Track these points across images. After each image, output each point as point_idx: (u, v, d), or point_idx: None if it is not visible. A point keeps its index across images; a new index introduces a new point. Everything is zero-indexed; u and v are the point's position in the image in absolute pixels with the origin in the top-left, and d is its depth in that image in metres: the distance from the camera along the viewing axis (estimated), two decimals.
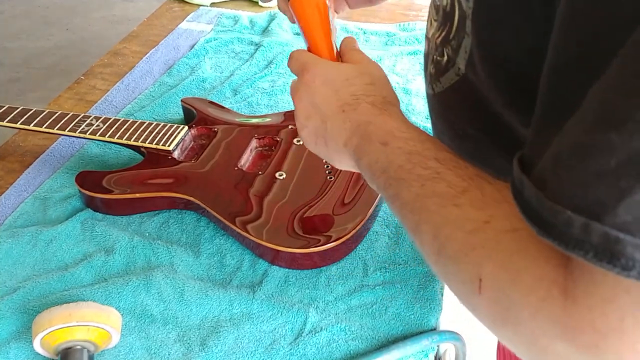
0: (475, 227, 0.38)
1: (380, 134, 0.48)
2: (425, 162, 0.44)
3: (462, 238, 0.39)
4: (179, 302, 0.71)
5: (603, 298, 0.31)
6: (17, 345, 0.65)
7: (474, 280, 0.37)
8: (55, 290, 0.71)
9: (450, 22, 0.49)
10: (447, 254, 0.40)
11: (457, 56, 0.48)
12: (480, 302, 0.37)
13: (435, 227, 0.41)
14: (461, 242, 0.39)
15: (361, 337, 0.67)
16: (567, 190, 0.30)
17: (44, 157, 0.92)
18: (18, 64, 2.89)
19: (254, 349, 0.66)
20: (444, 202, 0.41)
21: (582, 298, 0.32)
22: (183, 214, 0.82)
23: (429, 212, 0.41)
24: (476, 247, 0.38)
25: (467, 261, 0.38)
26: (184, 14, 1.33)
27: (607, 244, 0.28)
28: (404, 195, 0.44)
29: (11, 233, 0.79)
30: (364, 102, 0.52)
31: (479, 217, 0.38)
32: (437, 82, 0.53)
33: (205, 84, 1.08)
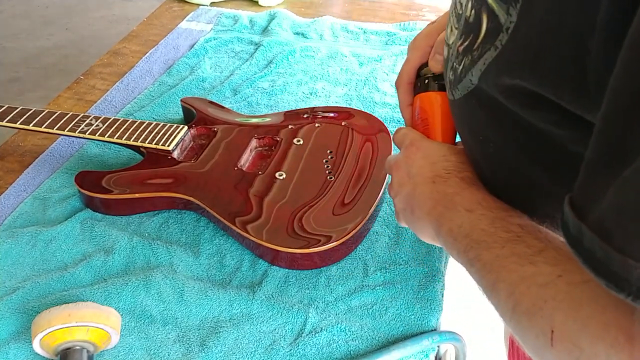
0: (548, 281, 0.40)
1: (466, 202, 0.51)
2: (507, 226, 0.46)
3: (535, 292, 0.40)
4: (178, 302, 0.70)
5: None
6: (17, 346, 0.65)
7: (547, 332, 0.38)
8: (55, 291, 0.71)
9: (475, 33, 0.49)
10: (521, 310, 0.41)
11: (474, 67, 0.48)
12: (553, 354, 0.38)
13: (511, 284, 0.43)
14: (534, 296, 0.40)
15: (361, 338, 0.67)
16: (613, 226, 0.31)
17: (43, 157, 0.92)
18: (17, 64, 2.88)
19: (254, 349, 0.66)
20: (522, 260, 0.42)
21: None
22: (183, 214, 0.82)
23: (506, 271, 0.43)
24: (548, 299, 0.39)
25: (541, 314, 0.39)
26: (184, 13, 1.33)
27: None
28: (484, 256, 0.46)
29: (10, 233, 0.78)
30: (455, 176, 0.55)
31: (552, 272, 0.40)
32: (456, 88, 0.54)
33: (205, 83, 1.08)
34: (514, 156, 0.52)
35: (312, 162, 0.83)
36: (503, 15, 0.44)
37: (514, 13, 0.43)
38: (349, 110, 0.95)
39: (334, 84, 1.08)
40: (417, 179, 0.58)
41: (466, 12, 0.52)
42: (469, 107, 0.53)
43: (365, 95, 1.05)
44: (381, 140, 0.88)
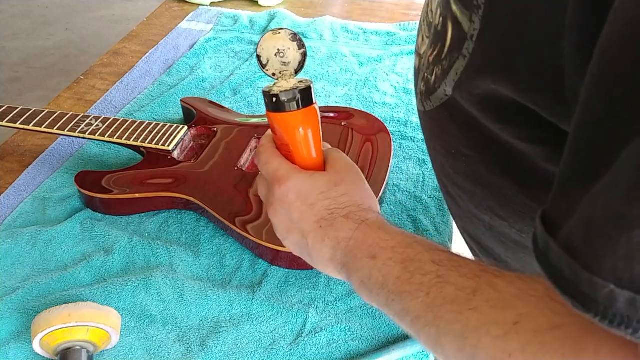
0: (505, 331, 0.35)
1: (364, 248, 0.47)
2: (422, 267, 0.42)
3: (492, 345, 0.36)
4: (178, 302, 0.70)
5: None
6: (17, 346, 0.65)
7: None
8: (55, 291, 0.71)
9: (442, 42, 0.48)
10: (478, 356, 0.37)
11: (446, 77, 0.47)
12: None
13: (457, 337, 0.38)
14: (493, 349, 0.36)
15: (361, 338, 0.67)
16: (608, 262, 0.28)
17: (43, 157, 0.92)
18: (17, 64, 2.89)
19: (254, 349, 0.66)
20: (459, 308, 0.38)
21: None
22: (182, 214, 0.82)
23: (446, 323, 0.39)
24: (513, 352, 0.35)
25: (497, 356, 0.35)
26: (184, 13, 1.33)
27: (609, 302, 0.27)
28: (412, 309, 0.41)
29: (10, 233, 0.78)
30: (339, 216, 0.50)
31: (505, 319, 0.36)
32: (428, 100, 0.52)
33: (205, 83, 1.08)
34: (487, 171, 0.50)
35: None
36: (466, 22, 0.43)
37: (476, 20, 0.41)
38: (348, 110, 0.95)
39: (333, 84, 1.08)
40: (302, 225, 0.51)
41: (435, 20, 0.50)
42: (442, 119, 0.51)
43: (365, 95, 1.05)
44: (381, 140, 0.88)
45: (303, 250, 0.53)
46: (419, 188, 0.86)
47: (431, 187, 0.87)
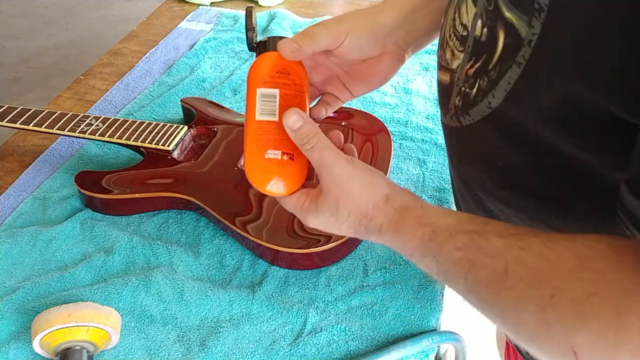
0: (542, 306, 0.37)
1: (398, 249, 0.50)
2: (451, 257, 0.44)
3: (532, 319, 0.38)
4: (178, 302, 0.70)
5: None
6: (17, 346, 0.65)
7: (568, 354, 0.36)
8: (55, 291, 0.71)
9: (489, 52, 0.46)
10: (525, 338, 0.39)
11: (495, 88, 0.46)
12: None
13: (500, 315, 0.41)
14: (533, 324, 0.38)
15: (361, 338, 0.67)
16: None
17: (43, 157, 0.92)
18: (17, 64, 2.88)
19: (254, 349, 0.66)
20: (496, 289, 0.40)
21: None
22: (182, 214, 0.82)
23: (486, 304, 0.42)
24: (552, 323, 0.37)
25: (551, 339, 0.37)
26: (184, 13, 1.33)
27: None
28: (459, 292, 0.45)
29: (10, 233, 0.78)
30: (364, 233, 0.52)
31: (540, 294, 0.37)
32: (466, 114, 0.50)
33: (205, 83, 1.08)
34: (541, 182, 0.48)
35: None
36: (524, 28, 0.42)
37: (537, 24, 0.40)
38: (348, 110, 0.95)
39: None
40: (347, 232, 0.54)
41: (475, 31, 0.49)
42: (484, 133, 0.49)
43: (365, 95, 1.05)
44: (381, 140, 0.88)
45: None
46: (419, 188, 0.86)
47: (431, 187, 0.87)
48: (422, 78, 1.09)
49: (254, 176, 0.55)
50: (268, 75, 0.56)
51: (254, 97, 0.55)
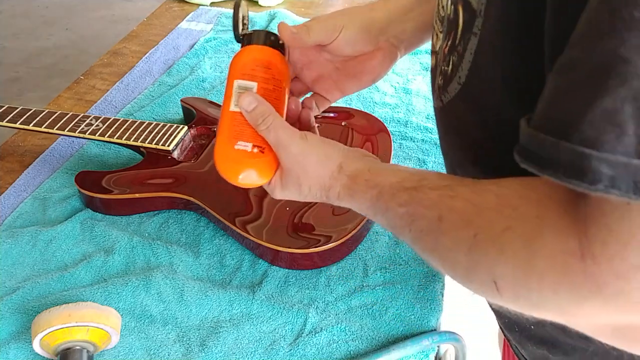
0: (470, 244, 0.40)
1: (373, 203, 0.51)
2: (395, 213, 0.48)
3: (464, 259, 0.41)
4: (178, 302, 0.70)
5: (619, 242, 0.31)
6: (17, 346, 0.65)
7: (491, 286, 0.39)
8: (55, 291, 0.71)
9: (455, 28, 0.48)
10: (461, 278, 0.43)
11: (462, 62, 0.47)
12: (503, 300, 0.39)
13: (441, 260, 0.44)
14: (465, 263, 0.41)
15: (361, 338, 0.67)
16: (541, 114, 0.31)
17: (43, 157, 0.92)
18: (17, 64, 2.88)
19: (254, 349, 0.66)
20: (434, 236, 0.44)
21: (600, 252, 0.32)
22: (183, 214, 0.82)
23: (430, 250, 0.45)
24: (478, 259, 0.40)
25: (479, 275, 0.40)
26: (184, 13, 1.33)
27: (576, 160, 0.29)
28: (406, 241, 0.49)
29: (10, 233, 0.78)
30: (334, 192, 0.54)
31: (467, 235, 0.40)
32: (445, 92, 0.52)
33: (205, 83, 1.08)
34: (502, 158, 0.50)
35: None
36: (475, 1, 0.44)
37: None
38: (348, 110, 0.95)
39: None
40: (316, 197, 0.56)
41: (447, 10, 0.51)
42: (457, 109, 0.51)
43: (365, 95, 1.05)
44: (381, 140, 0.88)
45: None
46: None
47: None
48: (422, 78, 1.09)
49: (223, 166, 0.55)
50: (248, 67, 0.57)
51: (230, 88, 0.56)
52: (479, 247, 0.39)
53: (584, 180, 0.29)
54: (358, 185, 0.52)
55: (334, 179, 0.54)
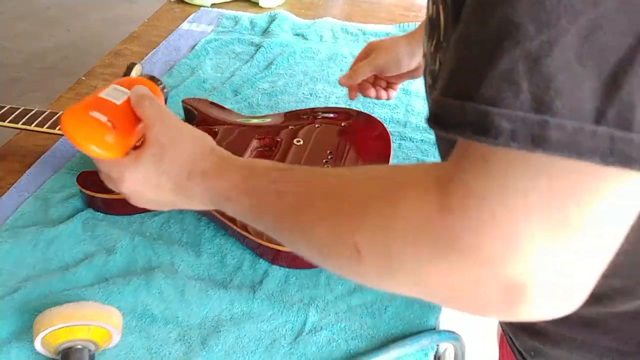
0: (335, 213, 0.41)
1: (217, 195, 0.51)
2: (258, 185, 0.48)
3: (325, 229, 0.41)
4: (179, 301, 0.71)
5: (475, 196, 0.33)
6: (18, 345, 0.65)
7: (354, 253, 0.39)
8: (56, 290, 0.72)
9: (438, 28, 0.49)
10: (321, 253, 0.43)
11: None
12: (363, 269, 0.39)
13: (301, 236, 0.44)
14: (326, 233, 0.41)
15: (361, 336, 0.67)
16: (446, 82, 0.33)
17: (45, 157, 0.93)
18: (19, 65, 2.89)
19: (255, 348, 0.66)
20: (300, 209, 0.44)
21: (457, 206, 0.33)
22: (184, 213, 0.82)
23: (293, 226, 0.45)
24: (341, 228, 0.40)
25: (341, 243, 0.40)
26: (185, 14, 1.33)
27: (480, 119, 0.30)
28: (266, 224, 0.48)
29: (12, 233, 0.79)
30: (185, 182, 0.53)
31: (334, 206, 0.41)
32: (434, 89, 0.53)
33: (206, 84, 1.08)
34: None
35: (312, 162, 0.83)
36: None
37: None
38: (348, 110, 0.95)
39: (333, 85, 1.09)
40: (166, 200, 0.55)
41: (430, 11, 0.52)
42: None
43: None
44: (380, 140, 0.88)
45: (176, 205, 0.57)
46: None
47: None
48: (421, 79, 1.09)
49: (70, 126, 0.55)
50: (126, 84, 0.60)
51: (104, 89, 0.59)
52: (343, 215, 0.40)
53: (488, 135, 0.30)
54: (229, 165, 0.52)
55: (204, 155, 0.53)
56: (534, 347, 0.60)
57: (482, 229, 0.33)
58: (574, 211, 0.31)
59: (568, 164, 0.30)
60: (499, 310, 0.35)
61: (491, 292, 0.34)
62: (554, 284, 0.33)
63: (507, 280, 0.33)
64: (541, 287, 0.33)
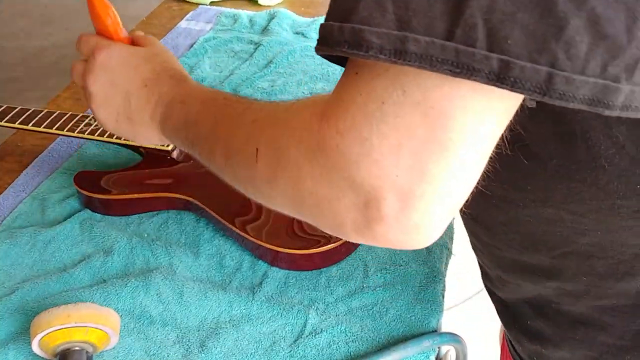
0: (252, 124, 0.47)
1: (179, 97, 0.56)
2: (215, 101, 0.53)
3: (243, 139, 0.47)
4: (178, 303, 0.70)
5: (343, 104, 0.37)
6: (16, 347, 0.65)
7: (253, 152, 0.44)
8: (54, 291, 0.71)
9: None
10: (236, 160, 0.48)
11: None
12: (256, 170, 0.44)
13: (225, 145, 0.49)
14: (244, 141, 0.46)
15: (362, 339, 0.67)
16: (330, 11, 0.36)
17: (42, 157, 0.92)
18: (16, 64, 2.88)
19: (254, 350, 0.66)
20: (235, 122, 0.49)
21: (330, 113, 0.37)
22: (182, 214, 0.82)
23: (220, 139, 0.50)
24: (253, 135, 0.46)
25: (245, 148, 0.46)
26: (183, 12, 1.33)
27: (355, 36, 0.34)
28: (201, 130, 0.53)
29: (9, 234, 0.78)
30: (164, 75, 0.59)
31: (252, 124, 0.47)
32: None
33: (205, 83, 1.08)
34: None
35: None
36: None
37: None
38: None
39: (333, 84, 1.07)
40: (127, 87, 0.59)
41: None
42: None
43: None
44: None
45: (121, 114, 0.60)
46: None
47: None
48: None
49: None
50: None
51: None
52: (258, 126, 0.46)
53: (361, 50, 0.34)
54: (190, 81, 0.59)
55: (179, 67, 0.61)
56: (536, 351, 0.60)
57: (345, 133, 0.36)
58: (423, 121, 0.35)
59: (424, 76, 0.34)
60: (357, 226, 0.38)
61: (350, 200, 0.37)
62: (407, 195, 0.36)
63: (362, 187, 0.36)
64: (395, 198, 0.36)
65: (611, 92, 0.32)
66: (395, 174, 0.35)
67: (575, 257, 0.51)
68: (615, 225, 0.47)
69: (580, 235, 0.49)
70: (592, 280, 0.51)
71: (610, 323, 0.53)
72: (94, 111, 0.62)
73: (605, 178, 0.44)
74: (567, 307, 0.55)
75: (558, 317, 0.56)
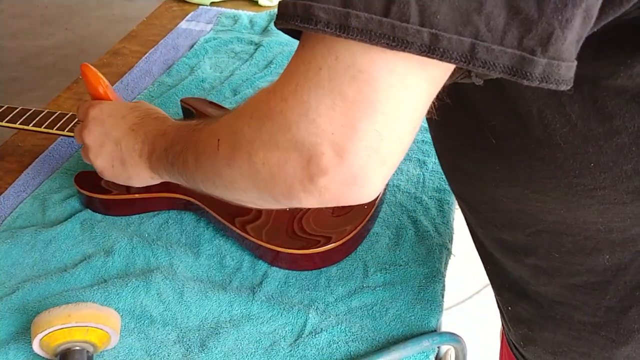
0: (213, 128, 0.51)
1: (161, 131, 0.63)
2: (189, 125, 0.59)
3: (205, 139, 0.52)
4: (178, 303, 0.70)
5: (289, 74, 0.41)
6: (16, 346, 0.65)
7: (215, 144, 0.48)
8: (55, 291, 0.71)
9: None
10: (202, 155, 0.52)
11: None
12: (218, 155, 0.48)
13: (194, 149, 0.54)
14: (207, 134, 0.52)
15: (361, 339, 0.67)
16: None
17: (42, 157, 0.92)
18: (17, 64, 2.88)
19: (254, 350, 0.66)
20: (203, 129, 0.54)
21: (279, 83, 0.41)
22: (182, 214, 0.82)
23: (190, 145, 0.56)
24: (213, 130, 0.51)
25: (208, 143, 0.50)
26: (184, 13, 1.33)
27: (305, 11, 0.37)
28: (176, 148, 0.58)
29: (10, 234, 0.78)
30: (148, 119, 0.67)
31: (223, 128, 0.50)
32: None
33: (205, 83, 1.08)
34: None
35: None
36: None
37: None
38: None
39: None
40: (117, 134, 0.67)
41: None
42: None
43: None
44: None
45: (115, 159, 0.68)
46: (419, 189, 0.86)
47: (431, 188, 0.87)
48: None
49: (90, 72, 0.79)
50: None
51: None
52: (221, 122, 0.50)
53: (310, 23, 0.37)
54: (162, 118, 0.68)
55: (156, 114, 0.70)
56: (525, 335, 0.63)
57: (288, 98, 0.40)
58: (352, 83, 0.38)
59: (353, 43, 0.37)
60: (304, 185, 0.41)
61: (295, 161, 0.41)
62: (343, 150, 0.39)
63: (304, 146, 0.40)
64: (332, 153, 0.39)
65: (527, 64, 0.35)
66: (331, 131, 0.39)
67: (547, 234, 0.54)
68: (575, 204, 0.50)
69: (546, 214, 0.52)
70: (563, 257, 0.54)
71: (583, 301, 0.56)
72: (92, 161, 0.70)
73: (561, 156, 0.47)
74: (544, 288, 0.58)
75: (538, 298, 0.59)
